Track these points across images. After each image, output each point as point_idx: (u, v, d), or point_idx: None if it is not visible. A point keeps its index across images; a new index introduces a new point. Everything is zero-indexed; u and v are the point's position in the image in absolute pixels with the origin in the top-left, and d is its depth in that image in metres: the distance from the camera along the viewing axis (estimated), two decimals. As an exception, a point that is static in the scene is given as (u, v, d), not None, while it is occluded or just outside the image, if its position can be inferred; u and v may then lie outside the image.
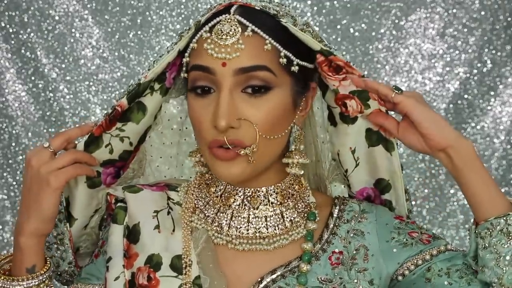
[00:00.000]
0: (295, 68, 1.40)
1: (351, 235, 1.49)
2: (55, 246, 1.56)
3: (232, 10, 1.39)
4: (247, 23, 1.38)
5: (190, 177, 1.64)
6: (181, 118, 1.60)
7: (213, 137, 1.38)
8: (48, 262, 1.48)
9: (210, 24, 1.39)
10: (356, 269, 1.45)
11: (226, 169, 1.39)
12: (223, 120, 1.34)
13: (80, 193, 1.54)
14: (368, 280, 1.45)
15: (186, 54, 1.43)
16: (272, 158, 1.44)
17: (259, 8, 1.40)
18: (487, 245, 1.37)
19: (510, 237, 1.35)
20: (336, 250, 1.47)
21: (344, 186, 1.61)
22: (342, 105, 1.49)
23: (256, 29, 1.37)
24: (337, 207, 1.52)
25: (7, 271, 1.48)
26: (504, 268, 1.35)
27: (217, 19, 1.39)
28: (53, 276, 1.59)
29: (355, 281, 1.44)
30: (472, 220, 1.44)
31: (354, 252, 1.47)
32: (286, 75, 1.40)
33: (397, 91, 1.40)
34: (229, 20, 1.38)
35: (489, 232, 1.37)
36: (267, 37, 1.38)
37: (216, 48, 1.36)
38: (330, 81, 1.47)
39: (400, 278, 1.46)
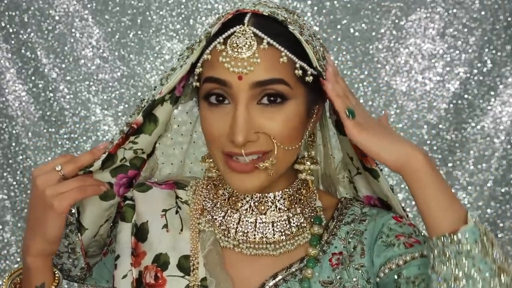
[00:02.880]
0: (309, 79, 1.38)
1: (351, 235, 1.48)
2: (67, 254, 1.55)
3: (246, 21, 1.36)
4: (263, 35, 1.35)
5: (203, 170, 1.62)
6: (190, 123, 1.60)
7: (229, 149, 1.37)
8: (56, 277, 1.49)
9: (224, 36, 1.36)
10: (354, 266, 1.44)
11: (241, 182, 1.39)
12: (240, 136, 1.33)
13: (92, 205, 1.53)
14: (365, 279, 1.43)
15: (199, 65, 1.40)
16: (288, 167, 1.44)
17: (267, 14, 1.37)
18: (432, 264, 1.31)
19: (446, 258, 1.28)
20: (336, 251, 1.46)
21: (352, 188, 1.59)
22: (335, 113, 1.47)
23: (271, 41, 1.35)
24: (338, 210, 1.51)
25: (18, 284, 1.50)
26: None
27: (231, 30, 1.36)
28: (64, 278, 1.59)
29: (354, 279, 1.43)
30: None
31: (352, 250, 1.46)
32: (300, 85, 1.39)
33: (348, 114, 1.36)
34: (243, 32, 1.35)
35: (431, 255, 1.31)
36: (282, 49, 1.35)
37: (232, 62, 1.34)
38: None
39: (377, 279, 1.43)
